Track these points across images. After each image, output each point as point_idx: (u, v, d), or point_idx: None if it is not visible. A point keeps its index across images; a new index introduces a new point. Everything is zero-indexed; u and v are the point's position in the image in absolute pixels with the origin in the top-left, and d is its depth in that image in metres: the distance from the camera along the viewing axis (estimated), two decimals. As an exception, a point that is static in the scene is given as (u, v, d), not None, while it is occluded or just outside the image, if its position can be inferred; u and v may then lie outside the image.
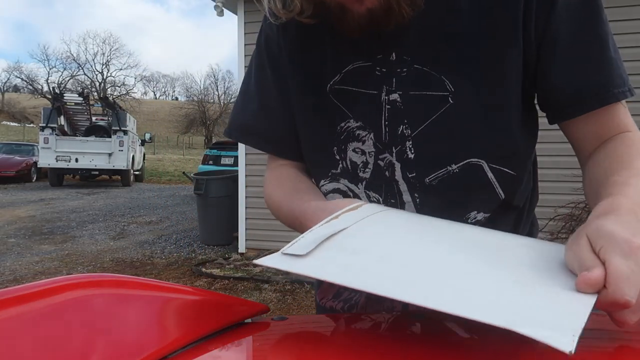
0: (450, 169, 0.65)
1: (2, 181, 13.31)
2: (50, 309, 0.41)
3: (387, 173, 0.68)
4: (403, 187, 0.68)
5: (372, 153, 0.69)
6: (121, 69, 48.25)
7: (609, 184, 0.53)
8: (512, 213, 0.71)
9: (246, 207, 5.26)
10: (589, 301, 0.37)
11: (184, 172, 9.47)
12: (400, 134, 0.66)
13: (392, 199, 0.69)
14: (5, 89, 48.34)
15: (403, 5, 0.58)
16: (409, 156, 0.66)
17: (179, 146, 38.97)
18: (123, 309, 0.47)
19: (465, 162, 0.65)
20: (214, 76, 51.93)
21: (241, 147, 5.37)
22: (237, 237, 5.40)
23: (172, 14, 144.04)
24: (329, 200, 0.65)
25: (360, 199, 0.71)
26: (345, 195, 0.73)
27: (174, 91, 65.88)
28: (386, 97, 0.66)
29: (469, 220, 0.68)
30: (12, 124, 40.13)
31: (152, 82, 63.32)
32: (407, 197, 0.68)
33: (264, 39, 0.76)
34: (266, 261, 0.46)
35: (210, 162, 10.83)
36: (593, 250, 0.40)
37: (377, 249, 0.48)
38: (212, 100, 46.04)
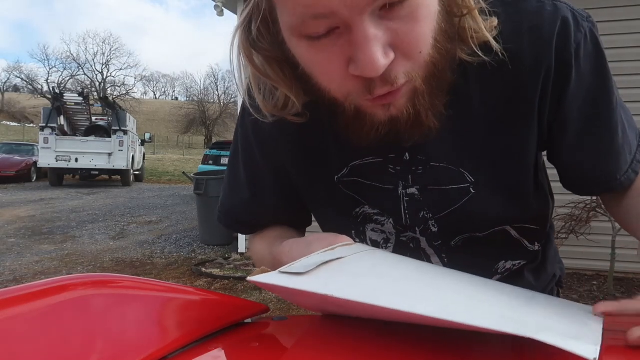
0: (475, 235, 0.65)
1: (2, 181, 13.30)
2: (50, 309, 0.41)
3: (411, 245, 0.67)
4: (430, 251, 0.67)
5: (393, 233, 0.67)
6: (121, 69, 48.37)
7: None
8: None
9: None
10: (598, 321, 0.39)
11: (184, 172, 9.47)
12: (422, 217, 0.64)
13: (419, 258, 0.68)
14: (5, 88, 48.33)
15: (431, 117, 0.52)
16: (433, 230, 0.65)
17: (179, 146, 38.98)
18: (123, 309, 0.47)
19: (489, 231, 0.64)
20: (214, 76, 52.02)
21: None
22: (237, 237, 5.39)
23: (172, 14, 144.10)
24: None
25: None
26: None
27: (174, 91, 65.95)
28: (403, 191, 0.63)
29: (499, 270, 0.68)
30: (12, 123, 40.12)
31: (152, 82, 63.37)
32: (435, 259, 0.67)
33: (251, 125, 0.66)
34: (262, 278, 0.44)
35: (210, 162, 10.83)
36: None
37: (380, 272, 0.47)
38: (212, 100, 46.06)
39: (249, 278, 0.44)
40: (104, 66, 45.87)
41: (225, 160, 10.61)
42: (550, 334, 0.34)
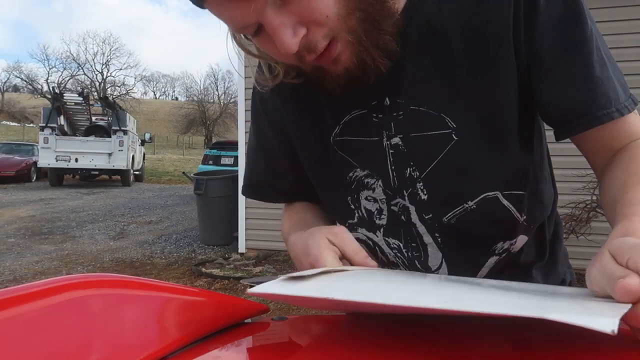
0: (467, 205, 0.64)
1: (2, 181, 13.30)
2: (50, 309, 0.41)
3: (403, 217, 0.67)
4: (421, 229, 0.67)
5: (384, 200, 0.68)
6: (121, 69, 48.24)
7: (625, 202, 0.51)
8: (536, 229, 0.70)
9: (246, 207, 5.26)
10: (623, 308, 0.34)
11: (184, 172, 9.48)
12: (409, 177, 0.65)
13: (413, 242, 0.68)
14: (5, 88, 48.33)
15: (378, 59, 0.57)
16: (422, 197, 0.65)
17: (179, 146, 38.96)
18: (123, 309, 0.47)
19: (480, 197, 0.64)
20: (214, 76, 52.04)
21: (241, 147, 5.37)
22: (237, 237, 5.40)
23: (172, 14, 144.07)
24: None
25: (380, 247, 0.71)
26: (366, 244, 0.72)
27: (174, 91, 65.92)
28: (388, 142, 0.65)
29: (497, 252, 0.67)
30: (11, 123, 40.12)
31: (152, 82, 63.33)
32: (427, 238, 0.67)
33: (258, 99, 0.77)
34: (263, 288, 0.44)
35: (210, 162, 10.84)
36: (619, 263, 0.39)
37: (385, 279, 0.48)
38: (212, 100, 46.06)
39: (250, 290, 0.44)
40: (103, 66, 45.91)
41: (225, 161, 10.65)
42: (563, 313, 0.31)
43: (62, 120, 13.66)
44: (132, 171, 14.44)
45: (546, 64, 0.59)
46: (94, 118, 15.02)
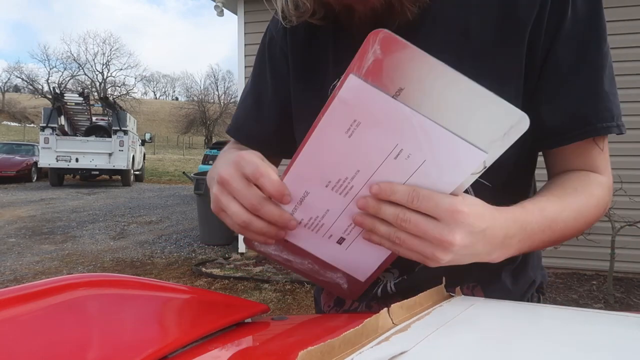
0: None
1: (3, 181, 13.31)
2: (50, 309, 0.41)
3: None
4: None
5: None
6: (121, 69, 48.43)
7: (535, 196, 0.56)
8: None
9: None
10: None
11: (184, 172, 9.48)
12: None
13: None
14: (5, 89, 48.35)
15: (406, 3, 0.58)
16: None
17: (179, 146, 38.97)
18: (123, 308, 0.47)
19: None
20: (214, 76, 52.13)
21: (241, 147, 5.36)
22: (237, 237, 5.39)
23: (172, 14, 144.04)
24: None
25: None
26: None
27: (174, 91, 65.97)
28: None
29: None
30: (12, 124, 40.13)
31: (152, 82, 63.36)
32: None
33: (268, 39, 0.77)
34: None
35: (210, 162, 10.83)
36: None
37: None
38: (212, 100, 46.05)
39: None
40: (104, 66, 45.93)
41: (225, 160, 10.63)
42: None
43: (62, 120, 13.67)
44: (132, 171, 14.44)
45: (561, 72, 0.59)
46: (94, 118, 15.03)
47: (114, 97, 36.24)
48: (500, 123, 0.44)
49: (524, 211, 0.52)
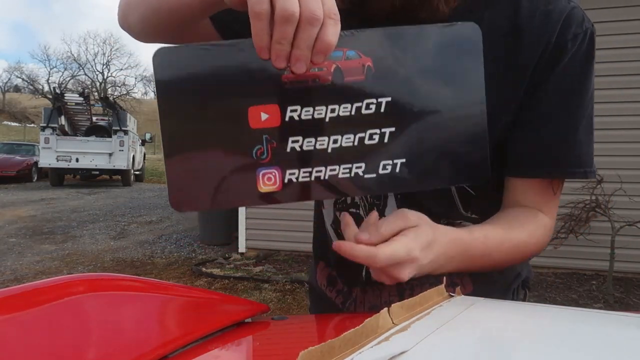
0: None
1: (3, 181, 13.30)
2: (51, 308, 0.41)
3: None
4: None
5: None
6: (122, 69, 48.34)
7: (484, 223, 0.62)
8: None
9: (246, 207, 5.26)
10: None
11: (184, 172, 9.48)
12: None
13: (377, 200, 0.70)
14: (6, 89, 48.34)
15: None
16: None
17: (179, 146, 38.84)
18: (123, 308, 0.47)
19: None
20: (215, 76, 51.72)
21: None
22: (237, 237, 5.40)
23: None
24: None
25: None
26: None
27: (174, 91, 65.72)
28: None
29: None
30: (13, 124, 40.15)
31: (152, 82, 63.22)
32: (391, 199, 0.70)
33: None
34: None
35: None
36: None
37: None
38: (212, 100, 45.89)
39: None
40: (104, 66, 45.87)
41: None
42: None
43: (63, 120, 13.67)
44: (132, 171, 14.44)
45: (542, 109, 0.62)
46: (94, 118, 15.02)
47: (114, 97, 36.20)
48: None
49: (469, 236, 0.58)
